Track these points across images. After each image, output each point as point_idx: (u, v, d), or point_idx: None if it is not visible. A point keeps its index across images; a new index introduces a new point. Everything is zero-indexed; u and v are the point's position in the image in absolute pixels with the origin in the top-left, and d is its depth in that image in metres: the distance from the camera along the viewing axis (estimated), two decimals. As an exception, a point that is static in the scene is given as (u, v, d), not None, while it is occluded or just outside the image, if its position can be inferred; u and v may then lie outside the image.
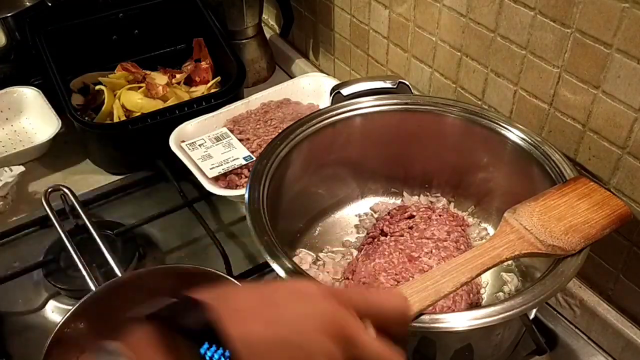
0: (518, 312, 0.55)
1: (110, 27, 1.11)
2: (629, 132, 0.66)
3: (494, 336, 0.65)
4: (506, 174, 0.78)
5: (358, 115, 0.80)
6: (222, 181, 0.90)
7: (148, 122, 0.98)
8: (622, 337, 0.74)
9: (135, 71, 1.10)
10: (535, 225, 0.62)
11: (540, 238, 0.61)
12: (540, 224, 0.63)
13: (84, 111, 1.07)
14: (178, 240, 0.92)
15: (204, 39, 1.15)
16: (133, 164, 1.02)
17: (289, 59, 1.24)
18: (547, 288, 0.57)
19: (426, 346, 0.62)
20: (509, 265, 0.79)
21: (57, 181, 0.99)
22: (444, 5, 0.84)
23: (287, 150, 0.75)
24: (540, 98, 0.76)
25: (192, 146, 0.93)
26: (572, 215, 0.63)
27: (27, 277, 0.85)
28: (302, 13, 1.18)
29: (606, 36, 0.65)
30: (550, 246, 0.60)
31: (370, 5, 0.97)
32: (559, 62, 0.71)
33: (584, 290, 0.78)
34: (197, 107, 1.00)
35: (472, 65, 0.83)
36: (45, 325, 0.80)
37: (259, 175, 0.70)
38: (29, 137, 1.07)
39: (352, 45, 1.07)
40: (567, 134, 0.74)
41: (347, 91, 0.83)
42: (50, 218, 0.83)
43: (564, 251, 0.60)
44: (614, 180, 0.70)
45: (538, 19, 0.71)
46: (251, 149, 0.93)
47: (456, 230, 0.79)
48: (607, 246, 0.73)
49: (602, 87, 0.68)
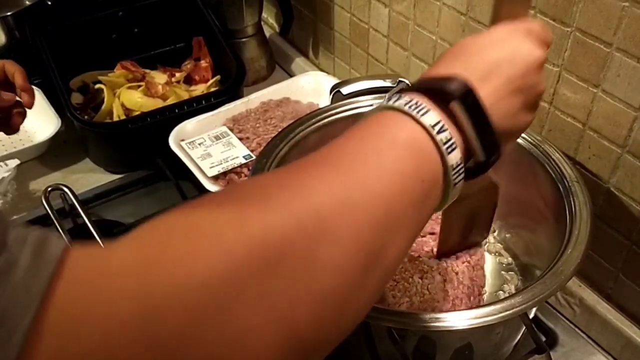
0: (518, 311, 0.55)
1: (110, 26, 1.11)
2: (629, 131, 0.66)
3: (494, 335, 0.65)
4: (506, 173, 0.78)
5: (358, 114, 0.80)
6: (222, 180, 0.90)
7: (148, 121, 0.98)
8: (622, 336, 0.74)
9: (135, 70, 1.10)
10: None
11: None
12: None
13: (84, 110, 1.07)
14: (178, 239, 0.92)
15: (203, 38, 1.15)
16: (133, 163, 1.02)
17: (289, 58, 1.24)
18: (546, 287, 0.57)
19: (426, 345, 0.62)
20: (509, 264, 0.79)
21: (57, 180, 0.98)
22: (444, 3, 0.83)
23: (286, 149, 0.75)
24: (540, 97, 0.76)
25: (192, 145, 0.93)
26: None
27: (27, 276, 0.85)
28: (301, 12, 1.18)
29: (606, 35, 0.65)
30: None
31: (370, 3, 0.97)
32: (559, 61, 0.71)
33: (584, 289, 0.78)
34: (197, 106, 1.00)
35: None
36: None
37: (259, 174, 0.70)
38: (29, 136, 1.07)
39: (352, 43, 1.07)
40: (567, 133, 0.74)
41: (347, 90, 0.83)
42: (50, 217, 0.82)
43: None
44: (613, 180, 0.70)
45: (538, 18, 0.71)
46: (251, 148, 0.93)
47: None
48: (607, 245, 0.73)
49: (602, 86, 0.68)
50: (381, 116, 0.43)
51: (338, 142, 0.41)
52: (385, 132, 0.41)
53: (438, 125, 0.41)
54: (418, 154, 0.41)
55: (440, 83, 0.43)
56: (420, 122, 0.41)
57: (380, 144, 0.40)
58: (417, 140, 0.41)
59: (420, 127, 0.41)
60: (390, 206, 0.38)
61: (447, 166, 0.41)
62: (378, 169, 0.39)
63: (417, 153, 0.41)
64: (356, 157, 0.39)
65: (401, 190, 0.39)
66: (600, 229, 0.73)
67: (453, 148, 0.41)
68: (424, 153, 0.41)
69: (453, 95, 0.42)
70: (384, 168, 0.39)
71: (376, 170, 0.39)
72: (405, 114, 0.42)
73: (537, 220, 0.74)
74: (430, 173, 0.41)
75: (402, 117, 0.42)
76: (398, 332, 0.59)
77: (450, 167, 0.41)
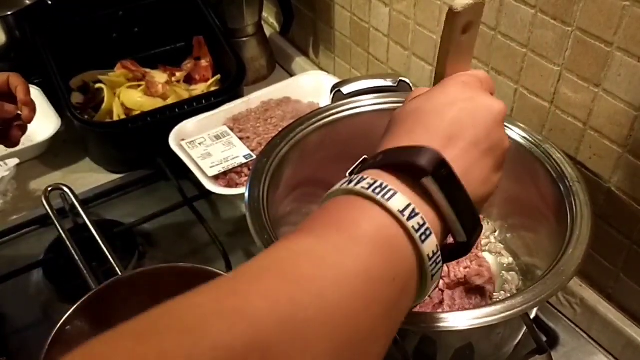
0: (519, 312, 0.55)
1: (110, 25, 1.11)
2: (630, 130, 0.66)
3: (495, 335, 0.65)
4: (506, 172, 0.78)
5: (359, 113, 0.79)
6: (222, 180, 0.89)
7: (148, 121, 0.98)
8: (623, 336, 0.74)
9: (135, 69, 1.09)
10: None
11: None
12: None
13: (84, 109, 1.07)
14: (178, 238, 0.92)
15: (203, 37, 1.15)
16: (133, 163, 1.02)
17: (289, 57, 1.24)
18: (547, 287, 0.57)
19: (427, 345, 0.62)
20: (510, 264, 0.79)
21: (57, 180, 0.98)
22: (444, 3, 0.83)
23: (287, 149, 0.74)
24: (540, 96, 0.76)
25: (192, 145, 0.93)
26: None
27: (27, 276, 0.85)
28: (302, 11, 1.18)
29: (607, 34, 0.65)
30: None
31: (371, 3, 0.97)
32: (559, 61, 0.71)
33: (585, 289, 0.78)
34: (197, 105, 1.00)
35: (473, 63, 0.83)
36: (45, 324, 0.80)
37: (259, 173, 0.70)
38: (29, 136, 1.06)
39: (352, 43, 1.07)
40: (568, 133, 0.74)
41: (347, 89, 0.82)
42: (50, 217, 0.82)
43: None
44: (614, 179, 0.70)
45: (539, 17, 0.71)
46: (251, 148, 0.93)
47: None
48: (608, 245, 0.73)
49: (602, 86, 0.67)
50: (341, 203, 0.37)
51: (285, 241, 0.35)
52: (345, 225, 0.35)
53: (408, 209, 0.35)
54: (386, 247, 0.35)
55: (407, 156, 0.38)
56: (387, 208, 0.35)
57: (340, 242, 0.34)
58: (385, 230, 0.35)
59: (387, 213, 0.35)
60: (354, 321, 0.31)
61: (423, 256, 0.36)
62: (337, 276, 0.32)
63: (385, 247, 0.35)
64: (309, 260, 0.33)
65: (367, 298, 0.32)
66: (601, 229, 0.73)
67: (427, 235, 0.36)
68: (394, 245, 0.35)
69: (425, 171, 0.37)
70: (344, 273, 0.32)
71: (334, 277, 0.32)
72: (368, 199, 0.36)
73: (538, 220, 0.74)
74: (402, 269, 0.35)
75: (365, 204, 0.36)
76: (399, 332, 0.59)
77: (426, 257, 0.36)
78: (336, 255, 0.33)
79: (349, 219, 0.36)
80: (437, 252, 0.37)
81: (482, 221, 0.82)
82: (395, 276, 0.34)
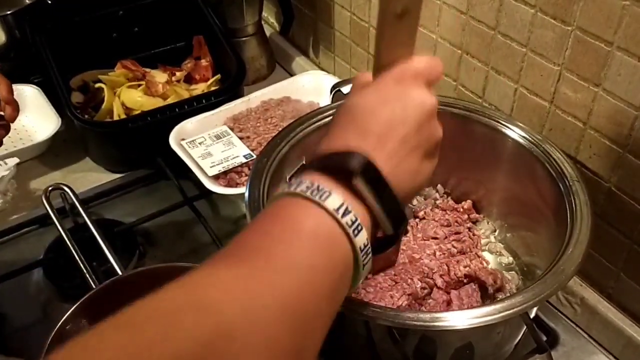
0: (519, 311, 0.55)
1: (110, 25, 1.11)
2: (630, 130, 0.66)
3: (495, 335, 0.65)
4: (506, 172, 0.78)
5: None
6: (223, 179, 0.89)
7: (148, 120, 0.98)
8: (623, 335, 0.74)
9: (135, 69, 1.09)
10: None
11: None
12: None
13: (84, 109, 1.07)
14: (178, 238, 0.92)
15: (204, 37, 1.14)
16: (133, 162, 1.02)
17: (289, 57, 1.24)
18: (547, 286, 0.57)
19: (427, 345, 0.62)
20: (510, 263, 0.79)
21: (57, 179, 0.98)
22: (444, 2, 0.83)
23: (287, 149, 0.74)
24: (540, 96, 0.76)
25: (192, 144, 0.93)
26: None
27: (28, 276, 0.85)
28: (302, 11, 1.18)
29: (607, 34, 0.65)
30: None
31: (371, 2, 0.97)
32: (559, 60, 0.71)
33: (585, 289, 0.78)
34: (197, 105, 1.00)
35: (473, 63, 0.83)
36: (45, 324, 0.80)
37: (260, 173, 0.70)
38: (29, 135, 1.07)
39: (352, 42, 1.07)
40: (568, 132, 0.74)
41: (347, 89, 0.82)
42: (51, 216, 0.82)
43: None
44: (614, 179, 0.70)
45: (538, 17, 0.71)
46: (251, 147, 0.93)
47: (458, 231, 0.79)
48: (608, 244, 0.73)
49: (602, 85, 0.67)
50: (284, 204, 0.41)
51: (240, 238, 0.39)
52: (289, 223, 0.40)
53: (342, 207, 0.40)
54: (326, 242, 0.39)
55: (340, 160, 0.42)
56: (324, 207, 0.40)
57: (285, 237, 0.39)
58: (323, 226, 0.40)
59: (324, 211, 0.40)
60: (304, 304, 0.36)
61: (356, 248, 0.40)
62: (285, 267, 0.37)
63: (325, 241, 0.39)
64: (260, 254, 0.38)
65: (313, 285, 0.37)
66: (601, 228, 0.73)
67: (359, 230, 0.40)
68: (332, 239, 0.40)
69: (354, 172, 0.41)
70: (291, 265, 0.37)
71: (283, 268, 0.37)
72: (307, 200, 0.40)
73: (537, 220, 0.74)
74: (341, 260, 0.40)
75: (305, 204, 0.40)
76: (398, 332, 0.59)
77: (358, 250, 0.41)
78: (283, 248, 0.38)
79: (293, 216, 0.40)
80: (368, 245, 0.42)
81: (481, 221, 0.83)
82: (335, 267, 0.40)
